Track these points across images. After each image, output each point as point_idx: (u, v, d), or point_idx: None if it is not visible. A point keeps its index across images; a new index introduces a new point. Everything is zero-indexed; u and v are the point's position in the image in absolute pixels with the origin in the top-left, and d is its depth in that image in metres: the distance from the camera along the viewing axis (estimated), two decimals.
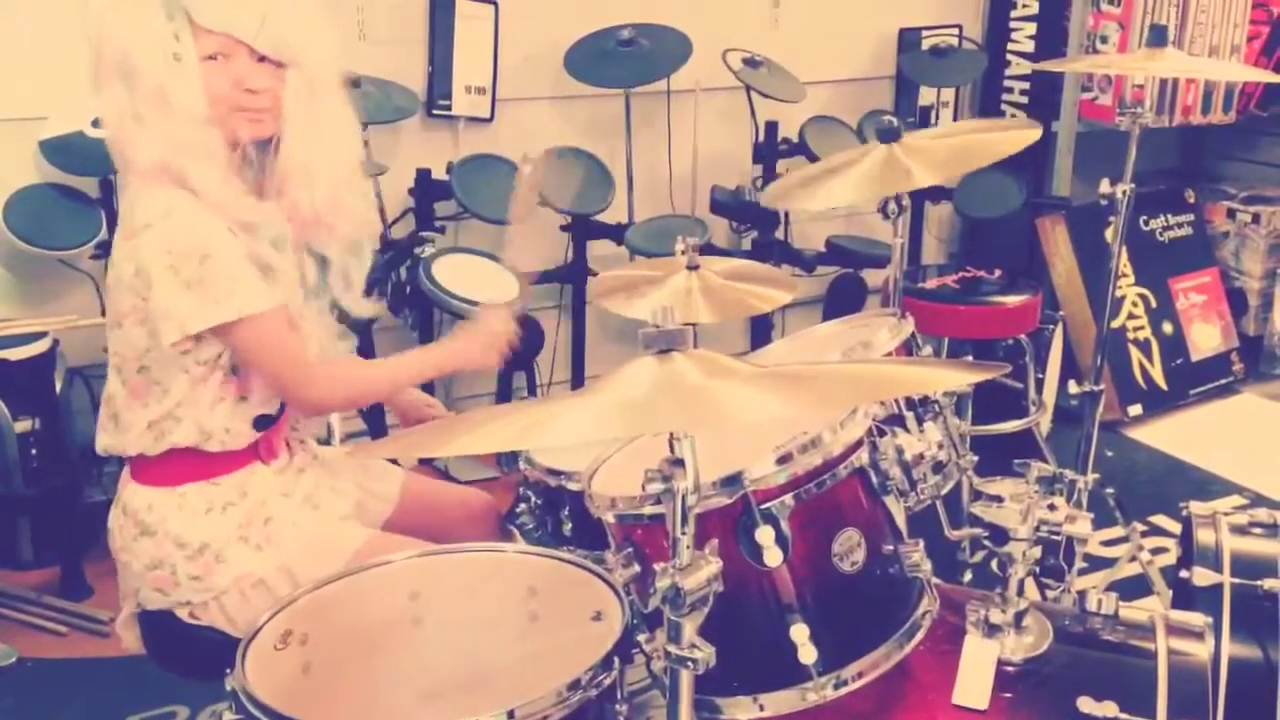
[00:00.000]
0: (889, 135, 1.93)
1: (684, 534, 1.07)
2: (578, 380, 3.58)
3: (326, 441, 2.16)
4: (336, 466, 1.87)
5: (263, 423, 1.70)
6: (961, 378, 1.12)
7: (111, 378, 1.68)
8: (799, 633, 1.30)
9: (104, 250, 2.90)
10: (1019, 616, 1.48)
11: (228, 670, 1.36)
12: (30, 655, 2.58)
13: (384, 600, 1.58)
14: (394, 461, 1.97)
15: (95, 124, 2.85)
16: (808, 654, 1.29)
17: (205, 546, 1.65)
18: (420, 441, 1.20)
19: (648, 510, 1.33)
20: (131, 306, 1.60)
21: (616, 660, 1.33)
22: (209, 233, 1.57)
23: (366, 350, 3.06)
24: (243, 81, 1.61)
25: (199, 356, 1.63)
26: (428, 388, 3.46)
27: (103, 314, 2.92)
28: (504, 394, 3.41)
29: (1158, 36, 2.24)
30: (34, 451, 2.79)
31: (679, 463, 1.07)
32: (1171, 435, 3.67)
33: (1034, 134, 1.88)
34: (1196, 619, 1.55)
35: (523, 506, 1.87)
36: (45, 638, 2.65)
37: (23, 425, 2.78)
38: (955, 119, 4.06)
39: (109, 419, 1.70)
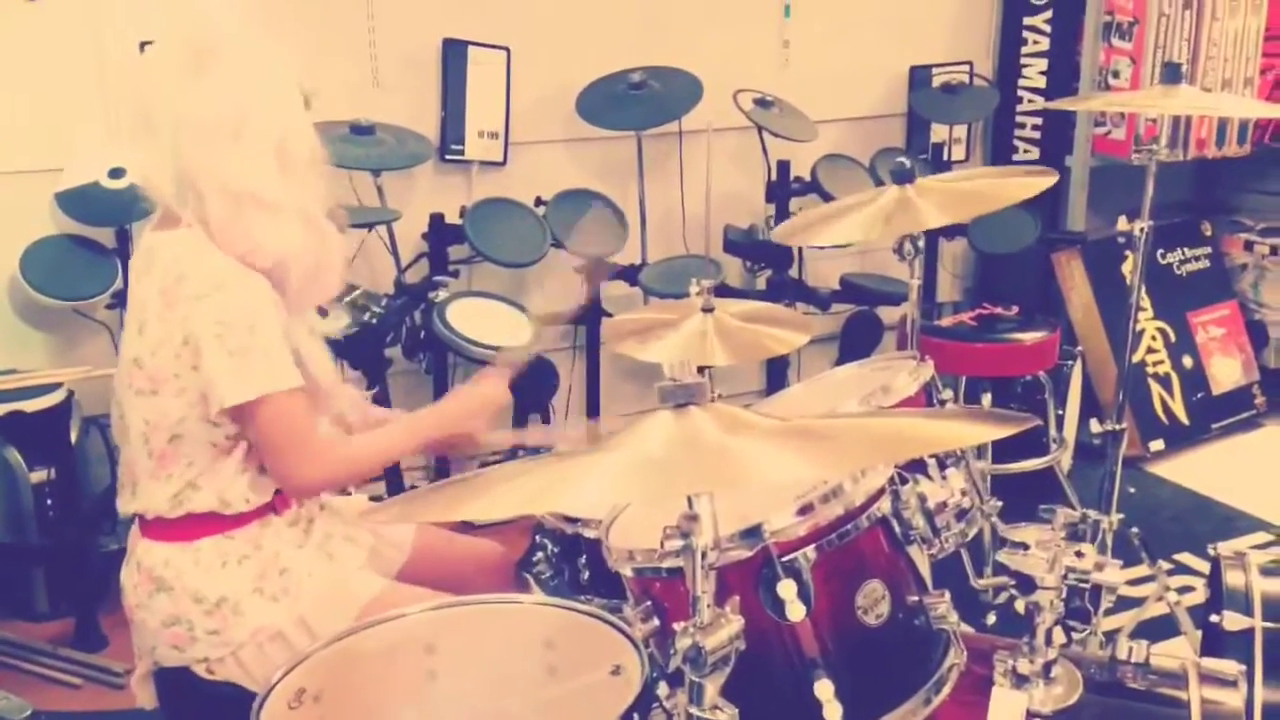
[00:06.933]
0: (903, 176, 1.93)
1: (704, 592, 1.05)
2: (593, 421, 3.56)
3: (344, 490, 2.15)
4: (349, 514, 1.85)
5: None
6: (986, 433, 1.10)
7: (135, 444, 1.66)
8: (823, 689, 1.27)
9: (119, 300, 2.91)
10: (1048, 667, 1.45)
11: None
12: (45, 708, 2.52)
13: (399, 654, 1.56)
14: None
15: (113, 174, 2.87)
16: (833, 711, 1.26)
17: (223, 600, 1.64)
18: (432, 505, 1.18)
19: (667, 564, 1.31)
20: (173, 374, 1.60)
21: (636, 717, 1.31)
22: (259, 306, 1.59)
23: (381, 396, 3.05)
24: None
25: (228, 430, 1.63)
26: None
27: None
28: None
29: (1172, 74, 2.24)
30: (49, 502, 2.79)
31: (697, 518, 1.05)
32: (1194, 470, 3.62)
33: (1049, 180, 1.88)
34: (1230, 667, 1.52)
35: (539, 555, 1.86)
36: (60, 690, 2.63)
37: (38, 476, 2.78)
38: (968, 155, 4.06)
39: (128, 486, 1.69)
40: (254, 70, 1.61)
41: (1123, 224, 2.32)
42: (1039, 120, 3.99)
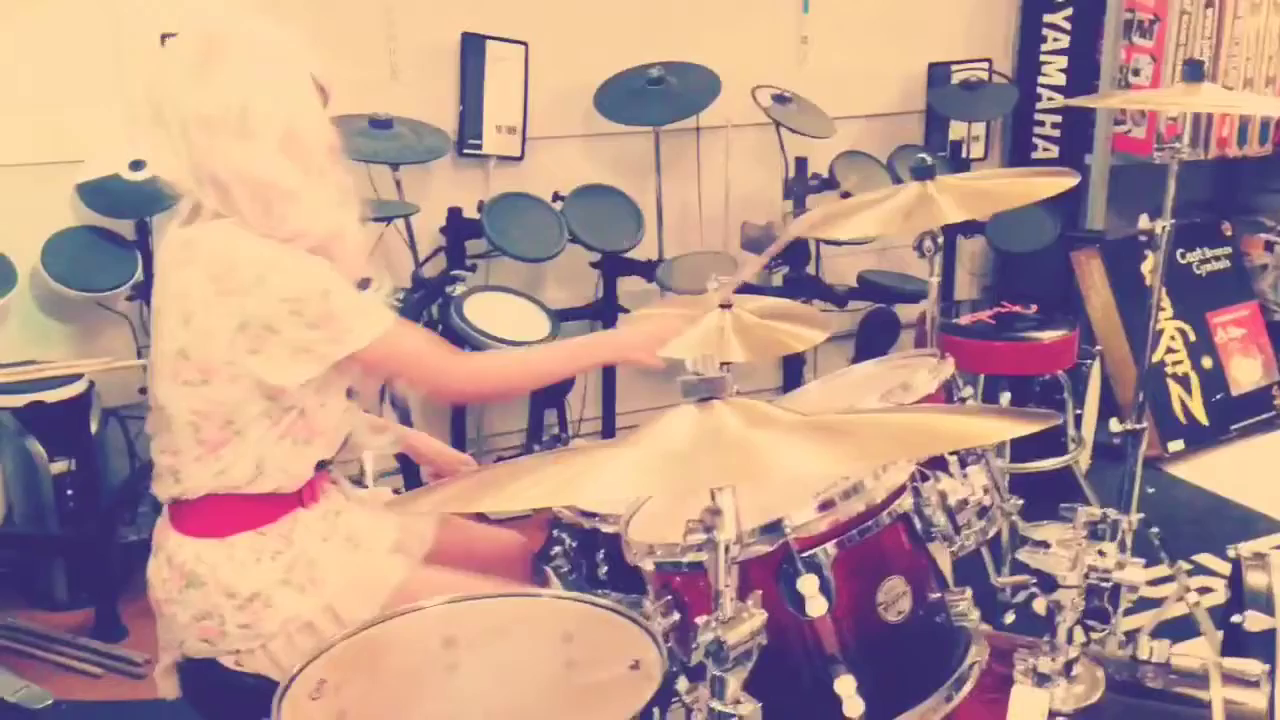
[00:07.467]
0: (923, 173, 1.92)
1: (727, 586, 1.05)
2: (608, 417, 3.56)
3: (358, 481, 2.16)
4: (375, 506, 1.86)
5: (318, 466, 1.71)
6: (1009, 430, 1.10)
7: (181, 434, 1.65)
8: (844, 685, 1.27)
9: (140, 292, 2.92)
10: (1069, 665, 1.44)
11: None
12: (65, 698, 2.57)
13: (418, 647, 1.56)
14: None
15: (133, 166, 2.89)
16: (854, 707, 1.26)
17: (255, 595, 1.64)
18: (454, 497, 1.18)
19: (688, 558, 1.31)
20: (226, 362, 1.59)
21: (656, 711, 1.30)
22: (320, 272, 1.60)
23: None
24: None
25: (285, 403, 1.63)
26: (459, 434, 3.47)
27: (139, 355, 2.96)
28: (535, 431, 3.40)
29: (1194, 72, 2.22)
30: (69, 493, 2.81)
31: (720, 512, 1.05)
32: (1213, 471, 3.60)
33: (1070, 181, 1.86)
34: (1252, 667, 1.51)
35: (556, 549, 1.86)
36: (80, 680, 2.64)
37: (59, 467, 2.79)
38: (986, 153, 4.04)
39: (169, 474, 1.69)
40: (258, 63, 1.61)
41: (1144, 223, 2.31)
42: (1058, 118, 3.97)
